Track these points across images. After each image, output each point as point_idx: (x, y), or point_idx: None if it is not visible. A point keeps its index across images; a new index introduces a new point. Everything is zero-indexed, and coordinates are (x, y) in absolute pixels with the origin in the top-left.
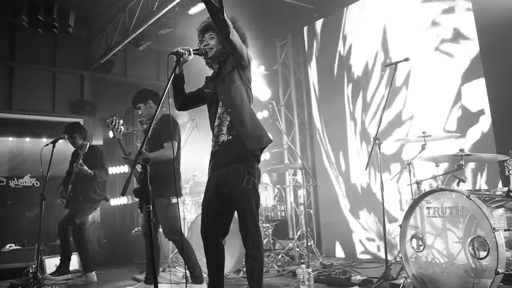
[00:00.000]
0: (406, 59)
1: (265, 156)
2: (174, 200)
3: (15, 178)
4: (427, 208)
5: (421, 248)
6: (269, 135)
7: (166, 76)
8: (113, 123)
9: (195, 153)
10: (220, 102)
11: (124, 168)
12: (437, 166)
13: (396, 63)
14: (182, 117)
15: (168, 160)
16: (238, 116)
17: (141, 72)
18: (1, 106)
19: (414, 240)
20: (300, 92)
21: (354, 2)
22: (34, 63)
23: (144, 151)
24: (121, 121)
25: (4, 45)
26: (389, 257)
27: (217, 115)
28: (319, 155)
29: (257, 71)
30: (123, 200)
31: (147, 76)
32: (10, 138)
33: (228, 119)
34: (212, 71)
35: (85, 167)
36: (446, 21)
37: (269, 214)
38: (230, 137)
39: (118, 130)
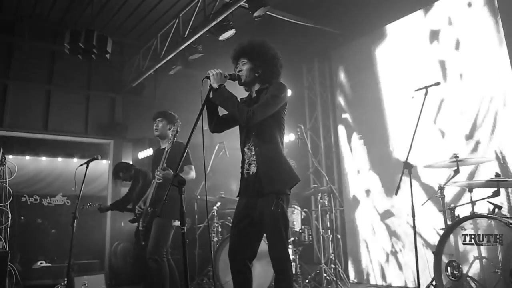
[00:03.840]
0: (437, 83)
1: None
2: (175, 223)
3: (48, 197)
4: (463, 235)
5: (457, 276)
6: (296, 174)
7: (194, 99)
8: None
9: (222, 174)
10: (252, 133)
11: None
12: (470, 192)
13: (426, 87)
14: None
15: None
16: (266, 156)
17: (170, 95)
18: (38, 127)
19: (449, 268)
20: (327, 115)
21: (380, 27)
22: (70, 87)
23: (178, 172)
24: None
25: (44, 70)
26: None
27: (248, 144)
28: (345, 178)
29: None
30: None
31: (176, 99)
32: (44, 158)
33: (256, 156)
34: (247, 94)
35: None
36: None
37: (296, 238)
38: (260, 170)
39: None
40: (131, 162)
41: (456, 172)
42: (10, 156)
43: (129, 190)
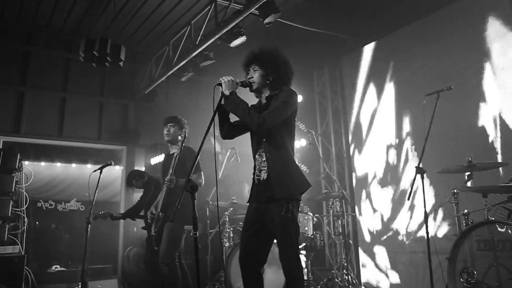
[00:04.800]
0: (449, 88)
1: None
2: (186, 227)
3: (63, 202)
4: (477, 240)
5: (472, 283)
6: (307, 179)
7: (205, 105)
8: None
9: (235, 180)
10: (263, 139)
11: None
12: (484, 197)
13: (438, 92)
14: (220, 145)
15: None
16: (277, 162)
17: (182, 102)
18: (53, 134)
19: (463, 275)
20: (338, 121)
21: (389, 34)
22: (84, 94)
23: (191, 178)
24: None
25: (59, 78)
26: None
27: (259, 150)
28: (358, 185)
29: None
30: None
31: (188, 106)
32: (58, 164)
33: (267, 161)
34: (257, 100)
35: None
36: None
37: (308, 243)
38: (270, 176)
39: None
40: (143, 169)
41: (470, 177)
42: (26, 162)
43: (141, 198)
